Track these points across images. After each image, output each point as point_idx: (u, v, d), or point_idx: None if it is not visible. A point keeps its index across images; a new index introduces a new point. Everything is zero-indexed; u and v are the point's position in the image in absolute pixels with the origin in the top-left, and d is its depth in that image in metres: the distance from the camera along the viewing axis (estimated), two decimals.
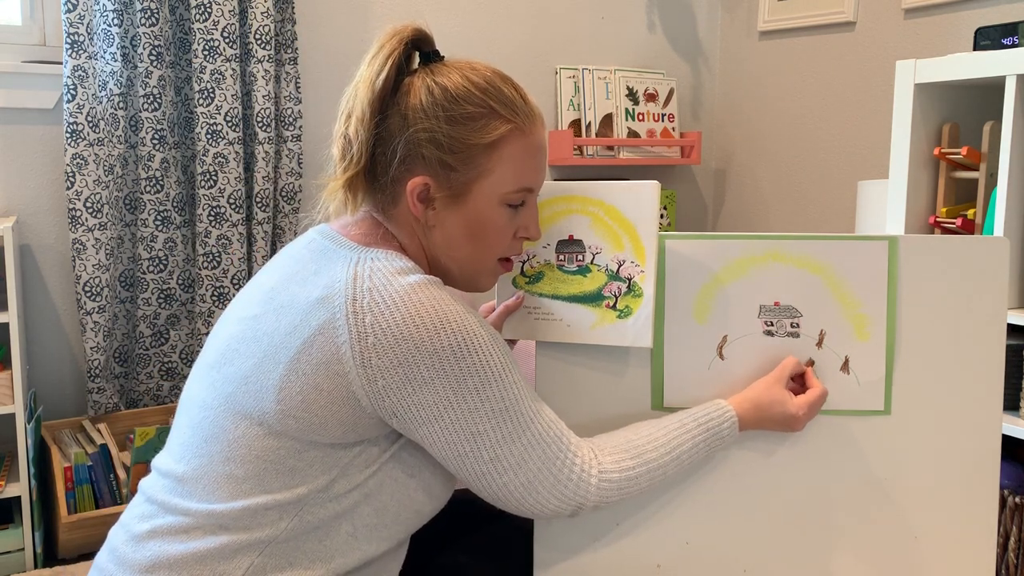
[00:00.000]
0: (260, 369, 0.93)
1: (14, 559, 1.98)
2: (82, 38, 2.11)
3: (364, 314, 0.90)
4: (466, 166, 0.96)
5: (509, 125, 0.97)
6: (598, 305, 1.07)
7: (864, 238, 1.07)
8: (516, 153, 0.98)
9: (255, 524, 0.91)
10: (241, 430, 0.93)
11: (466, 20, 2.79)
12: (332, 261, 0.96)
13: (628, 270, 1.06)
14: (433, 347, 0.89)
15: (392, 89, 0.96)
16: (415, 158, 0.96)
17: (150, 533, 0.94)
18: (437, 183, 0.97)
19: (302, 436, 0.92)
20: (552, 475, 0.95)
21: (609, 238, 1.07)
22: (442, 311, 0.90)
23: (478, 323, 0.92)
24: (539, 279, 1.10)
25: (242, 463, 0.92)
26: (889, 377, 1.08)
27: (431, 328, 0.89)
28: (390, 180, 0.98)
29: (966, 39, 2.38)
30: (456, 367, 0.90)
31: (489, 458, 0.93)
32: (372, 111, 0.95)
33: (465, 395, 0.91)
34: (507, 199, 0.99)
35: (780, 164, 3.02)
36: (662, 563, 1.11)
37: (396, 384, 0.90)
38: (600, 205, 1.07)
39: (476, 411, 0.91)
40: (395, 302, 0.90)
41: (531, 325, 1.10)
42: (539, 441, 0.94)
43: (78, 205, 2.13)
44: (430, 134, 0.95)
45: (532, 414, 0.95)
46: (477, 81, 0.97)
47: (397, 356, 0.89)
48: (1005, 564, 1.64)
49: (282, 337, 0.93)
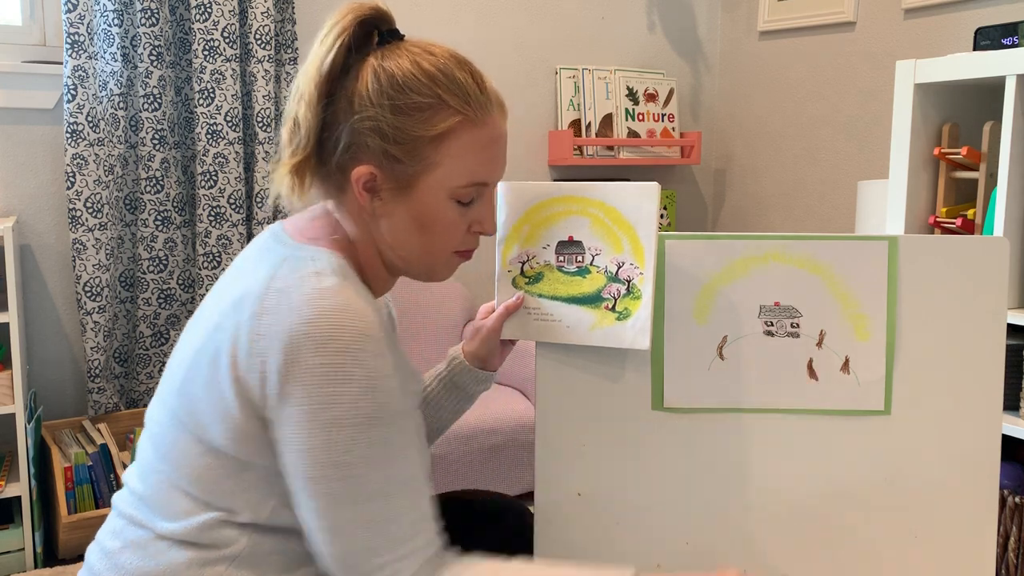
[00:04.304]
0: (189, 379, 0.89)
1: (14, 559, 1.98)
2: (82, 38, 2.11)
3: (265, 314, 0.84)
4: (411, 158, 0.89)
5: (458, 117, 0.89)
6: (597, 307, 1.07)
7: (864, 238, 1.07)
8: (466, 146, 0.90)
9: (216, 541, 0.88)
10: (185, 446, 0.89)
11: (466, 20, 2.79)
12: (266, 261, 0.91)
13: (627, 272, 1.06)
14: (309, 362, 0.81)
15: (342, 70, 0.89)
16: (360, 147, 0.89)
17: (121, 549, 0.91)
18: (383, 173, 0.90)
19: (235, 454, 0.87)
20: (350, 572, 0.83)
21: (609, 240, 1.07)
22: (338, 324, 0.81)
23: (374, 354, 0.82)
24: (538, 280, 1.09)
25: (190, 481, 0.89)
26: (889, 377, 1.08)
27: (318, 339, 0.81)
28: (336, 167, 0.91)
29: (966, 39, 2.38)
30: (320, 391, 0.81)
31: (313, 509, 0.83)
32: (319, 93, 0.89)
33: (315, 426, 0.81)
34: (456, 194, 0.92)
35: (780, 164, 3.02)
36: (662, 563, 1.11)
37: (273, 391, 0.82)
38: (600, 206, 1.07)
39: (314, 450, 0.81)
40: (297, 304, 0.83)
41: (530, 326, 1.10)
42: (363, 527, 0.82)
43: (78, 205, 2.13)
44: (374, 123, 0.88)
45: (379, 492, 0.82)
46: (427, 68, 0.89)
47: (278, 359, 0.82)
48: (1005, 564, 1.64)
49: (203, 342, 0.88)
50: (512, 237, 1.09)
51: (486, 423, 2.28)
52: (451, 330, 2.65)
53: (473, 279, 2.79)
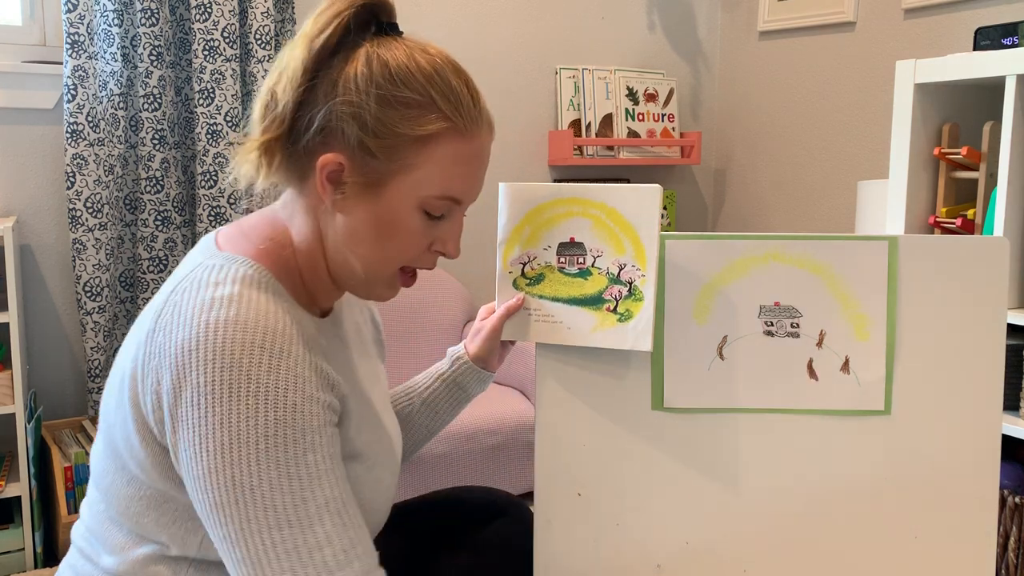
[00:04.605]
0: (106, 404, 0.84)
1: (14, 559, 1.98)
2: (82, 38, 2.11)
3: (158, 331, 0.78)
4: (388, 156, 0.82)
5: (447, 123, 0.83)
6: (598, 308, 1.07)
7: (864, 238, 1.07)
8: (448, 155, 0.84)
9: (159, 574, 0.83)
10: (113, 476, 0.84)
11: (467, 20, 2.79)
12: (178, 273, 0.85)
13: (629, 274, 1.06)
14: (197, 380, 0.74)
15: (331, 52, 0.83)
16: (334, 132, 0.82)
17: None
18: (352, 165, 0.83)
19: (151, 484, 0.81)
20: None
21: (610, 241, 1.07)
22: (228, 337, 0.75)
23: (272, 368, 0.76)
24: (540, 281, 1.09)
25: (120, 513, 0.84)
26: (889, 377, 1.08)
27: (204, 356, 0.75)
28: (303, 150, 0.84)
29: (966, 39, 2.38)
30: (212, 411, 0.74)
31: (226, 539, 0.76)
32: (305, 71, 0.82)
33: (210, 447, 0.74)
34: (426, 204, 0.85)
35: (780, 164, 3.02)
36: (662, 563, 1.11)
37: (167, 415, 0.76)
38: (602, 208, 1.07)
39: (214, 473, 0.74)
40: (183, 319, 0.77)
41: (531, 327, 1.09)
42: (285, 556, 0.75)
43: (78, 205, 2.13)
44: (356, 109, 0.81)
45: (296, 517, 0.75)
46: (424, 66, 0.83)
47: (168, 381, 0.76)
48: (1005, 564, 1.64)
49: (116, 365, 0.84)
50: (513, 238, 1.09)
51: (486, 423, 2.28)
52: (451, 330, 2.65)
53: (473, 279, 2.79)
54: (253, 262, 0.83)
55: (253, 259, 0.84)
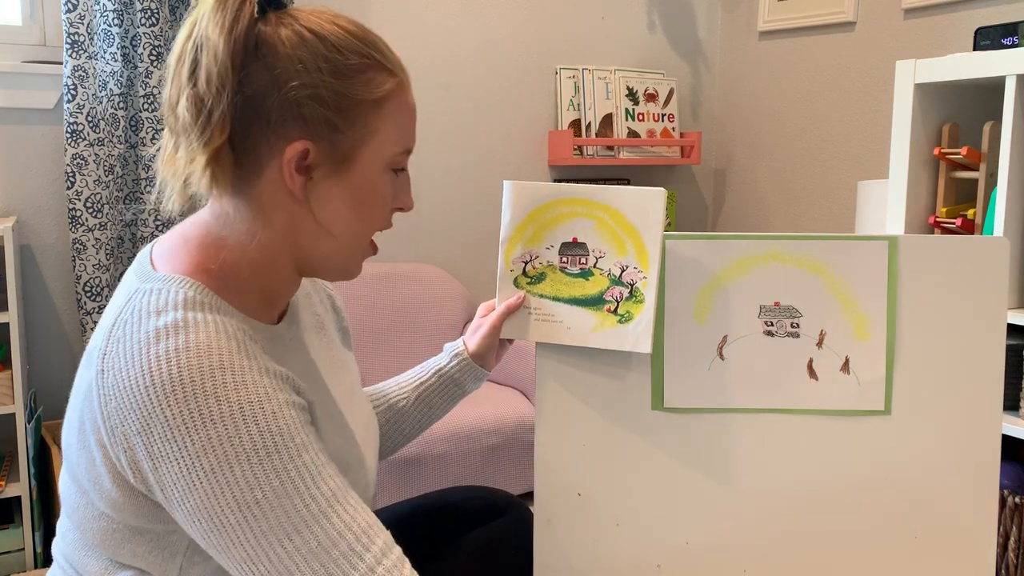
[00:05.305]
0: (67, 439, 0.82)
1: (14, 559, 1.98)
2: (82, 38, 2.11)
3: (107, 371, 0.75)
4: (352, 127, 0.81)
5: (394, 79, 0.83)
6: (599, 309, 1.07)
7: (864, 238, 1.07)
8: (398, 110, 0.84)
9: None
10: (84, 508, 0.82)
11: (466, 20, 2.79)
12: (115, 302, 0.81)
13: (631, 275, 1.06)
14: (165, 416, 0.72)
15: (253, 41, 0.78)
16: (292, 120, 0.79)
17: None
18: (318, 147, 0.80)
19: (121, 520, 0.79)
20: None
21: (613, 243, 1.07)
22: (183, 366, 0.73)
23: (236, 384, 0.74)
24: (541, 280, 1.09)
25: (96, 543, 0.82)
26: (889, 377, 1.08)
27: (163, 390, 0.72)
28: (252, 150, 0.80)
29: (966, 39, 2.38)
30: (191, 442, 0.72)
31: (245, 560, 0.74)
32: (235, 64, 0.76)
33: (202, 476, 0.72)
34: (392, 162, 0.85)
35: (780, 164, 3.02)
36: (662, 563, 1.11)
37: (142, 456, 0.74)
38: (606, 210, 1.07)
39: (214, 497, 0.73)
40: (131, 355, 0.74)
41: (531, 326, 1.10)
42: (312, 555, 0.74)
43: (78, 205, 2.13)
44: (313, 90, 0.78)
45: (310, 516, 0.74)
46: (351, 29, 0.82)
47: (134, 423, 0.73)
48: (1005, 564, 1.64)
49: (71, 399, 0.81)
50: (516, 237, 1.09)
51: (486, 423, 2.28)
52: (451, 330, 2.65)
53: (473, 279, 2.79)
54: (192, 281, 0.80)
55: (191, 276, 0.81)
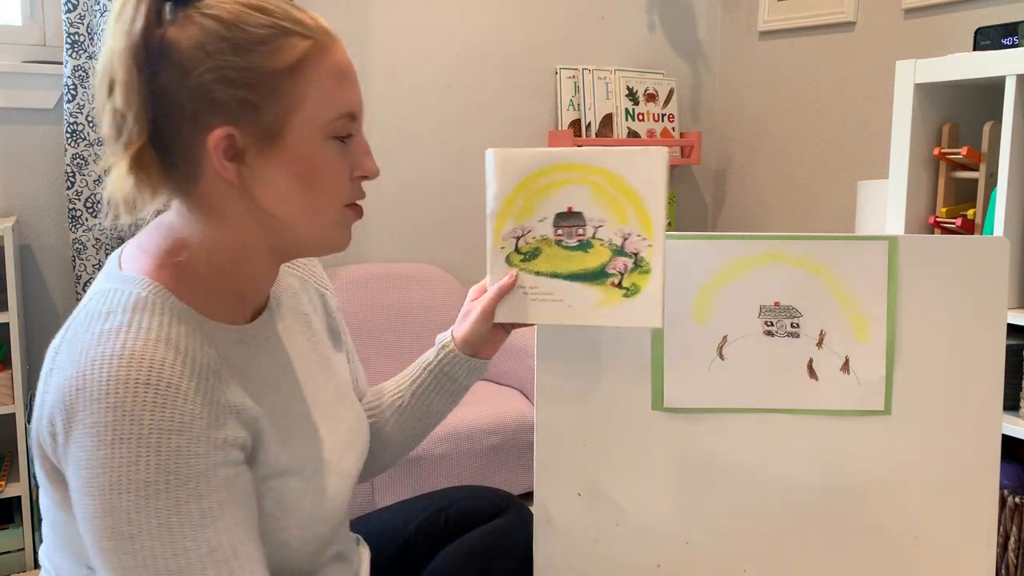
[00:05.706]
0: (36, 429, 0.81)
1: (14, 559, 1.98)
2: (82, 38, 2.11)
3: (54, 370, 0.75)
4: (271, 100, 0.77)
5: (307, 41, 0.79)
6: (602, 283, 0.99)
7: (864, 238, 1.07)
8: (325, 74, 0.80)
9: None
10: (55, 514, 0.81)
11: (466, 20, 2.79)
12: (81, 302, 0.81)
13: (634, 244, 0.98)
14: (84, 421, 0.71)
15: (157, 39, 0.76)
16: (207, 108, 0.76)
17: None
18: (242, 130, 0.77)
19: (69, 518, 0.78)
20: None
21: (612, 209, 0.98)
22: (112, 375, 0.71)
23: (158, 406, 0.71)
24: (536, 256, 1.01)
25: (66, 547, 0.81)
26: (889, 377, 1.08)
27: (89, 395, 0.71)
28: (182, 149, 0.78)
29: (966, 39, 2.38)
30: (96, 454, 0.70)
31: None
32: (138, 65, 0.75)
33: (94, 492, 0.71)
34: (330, 130, 0.81)
35: (780, 164, 3.02)
36: (662, 563, 1.11)
37: (62, 456, 0.74)
38: (602, 173, 0.98)
39: (97, 519, 0.71)
40: (74, 356, 0.73)
41: (528, 307, 1.01)
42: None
43: (78, 205, 2.13)
44: (218, 72, 0.75)
45: (176, 568, 0.71)
46: (254, 2, 0.78)
47: (60, 420, 0.72)
48: (1005, 564, 1.64)
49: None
50: (505, 210, 1.00)
51: (486, 423, 2.28)
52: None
53: (474, 279, 2.79)
54: (149, 281, 0.78)
55: (151, 276, 0.79)
